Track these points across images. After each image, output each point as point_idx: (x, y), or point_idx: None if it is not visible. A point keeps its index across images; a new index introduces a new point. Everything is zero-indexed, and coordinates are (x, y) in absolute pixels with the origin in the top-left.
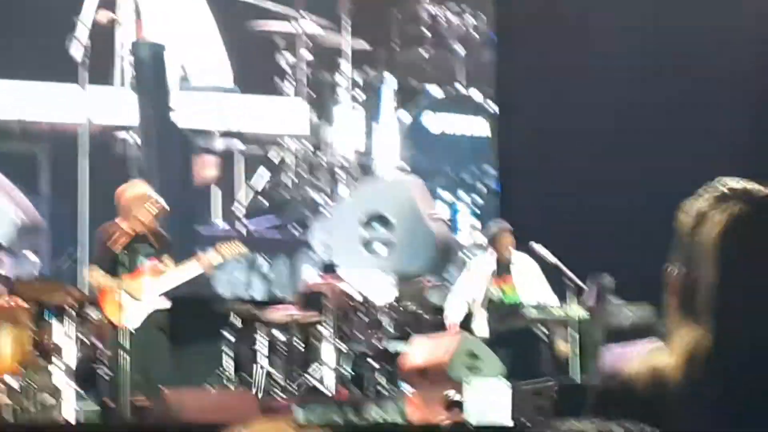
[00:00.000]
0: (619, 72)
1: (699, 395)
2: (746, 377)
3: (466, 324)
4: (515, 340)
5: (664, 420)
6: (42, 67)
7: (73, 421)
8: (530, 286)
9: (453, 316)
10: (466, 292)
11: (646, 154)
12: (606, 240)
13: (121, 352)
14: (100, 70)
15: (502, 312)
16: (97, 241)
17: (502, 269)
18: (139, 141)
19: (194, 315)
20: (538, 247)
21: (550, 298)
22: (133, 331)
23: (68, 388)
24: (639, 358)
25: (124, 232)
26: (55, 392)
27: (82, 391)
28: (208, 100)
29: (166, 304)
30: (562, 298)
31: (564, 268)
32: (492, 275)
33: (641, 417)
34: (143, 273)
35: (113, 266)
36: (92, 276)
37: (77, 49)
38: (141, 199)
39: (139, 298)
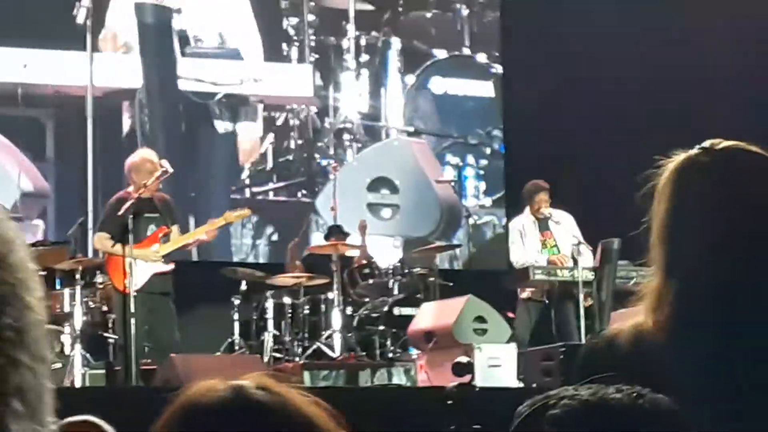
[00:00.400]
0: (624, 35)
1: (669, 349)
2: (709, 323)
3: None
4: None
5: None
6: (46, 32)
7: (79, 385)
8: (568, 241)
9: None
10: (527, 252)
11: (653, 114)
12: (613, 201)
13: (128, 317)
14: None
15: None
16: (107, 208)
17: (542, 226)
18: (144, 105)
19: (201, 280)
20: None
21: (586, 254)
22: (136, 295)
23: (77, 353)
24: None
25: (132, 198)
26: (63, 357)
27: (89, 356)
28: (212, 64)
29: (169, 266)
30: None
31: (575, 231)
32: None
33: (625, 376)
34: (151, 240)
35: (121, 233)
36: (100, 242)
37: (81, 13)
38: (147, 166)
39: (146, 264)
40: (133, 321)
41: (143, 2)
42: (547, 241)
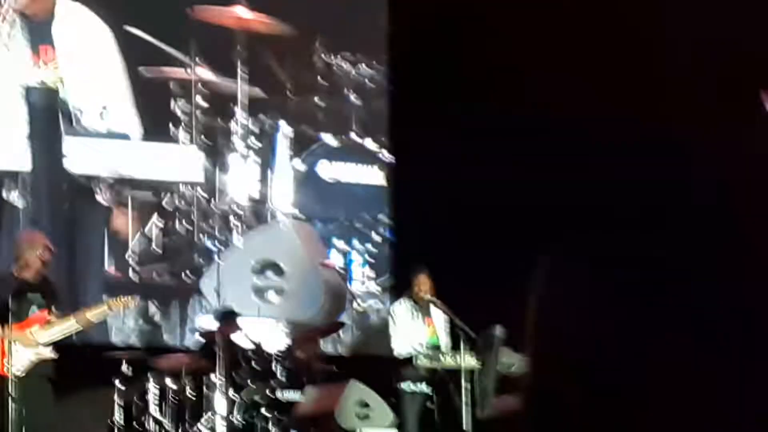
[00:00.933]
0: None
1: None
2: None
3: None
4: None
5: None
6: None
7: None
8: (445, 329)
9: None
10: (406, 340)
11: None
12: (499, 291)
13: (8, 402)
14: None
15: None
16: None
17: (424, 311)
18: (27, 183)
19: (84, 363)
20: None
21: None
22: (17, 380)
23: None
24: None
25: (16, 280)
26: None
27: None
28: (101, 145)
29: (52, 354)
30: (455, 348)
31: (456, 319)
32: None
33: None
34: (32, 322)
35: (3, 314)
36: None
37: None
38: (32, 247)
39: (26, 347)
40: (14, 406)
41: (31, 85)
42: (429, 329)
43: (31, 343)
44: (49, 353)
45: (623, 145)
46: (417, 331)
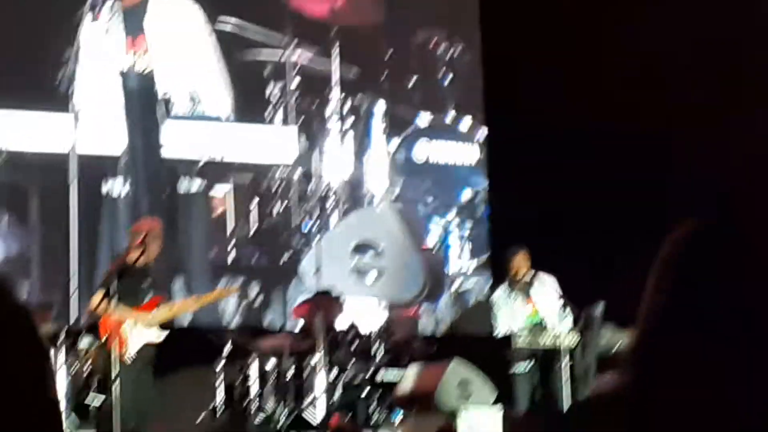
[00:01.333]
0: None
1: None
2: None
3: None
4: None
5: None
6: (30, 97)
7: None
8: (550, 305)
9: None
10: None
11: (640, 178)
12: (599, 268)
13: (115, 383)
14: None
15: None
16: (108, 271)
17: (525, 293)
18: (127, 171)
19: (187, 346)
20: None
21: (566, 318)
22: (129, 361)
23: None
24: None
25: (134, 264)
26: None
27: (72, 421)
28: (196, 129)
29: (161, 336)
30: (556, 326)
31: (558, 296)
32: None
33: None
34: (147, 308)
35: (119, 296)
36: (98, 304)
37: (65, 78)
38: (153, 235)
39: (139, 329)
40: (120, 387)
41: (127, 70)
42: (531, 309)
43: (146, 328)
44: (159, 338)
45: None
46: (519, 313)
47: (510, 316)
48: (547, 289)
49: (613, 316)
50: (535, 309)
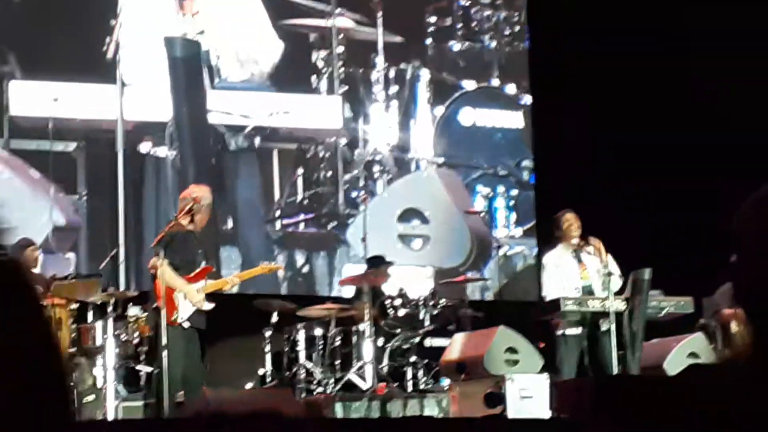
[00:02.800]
0: (655, 61)
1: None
2: None
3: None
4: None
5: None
6: (77, 66)
7: (112, 418)
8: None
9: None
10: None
11: (688, 142)
12: (645, 232)
13: (165, 351)
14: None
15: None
16: (164, 239)
17: (577, 257)
18: (174, 138)
19: (233, 312)
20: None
21: (615, 283)
22: (184, 325)
23: (110, 386)
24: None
25: (185, 231)
26: (96, 391)
27: (122, 389)
28: (242, 97)
29: (209, 305)
30: (605, 291)
31: (608, 261)
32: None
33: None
34: (198, 276)
35: (170, 263)
36: (163, 271)
37: (111, 48)
38: (203, 202)
39: (191, 299)
40: (170, 354)
41: (173, 36)
42: (582, 273)
43: (197, 296)
44: (208, 305)
45: None
46: (570, 276)
47: (560, 279)
48: (593, 255)
49: (660, 284)
50: (586, 273)
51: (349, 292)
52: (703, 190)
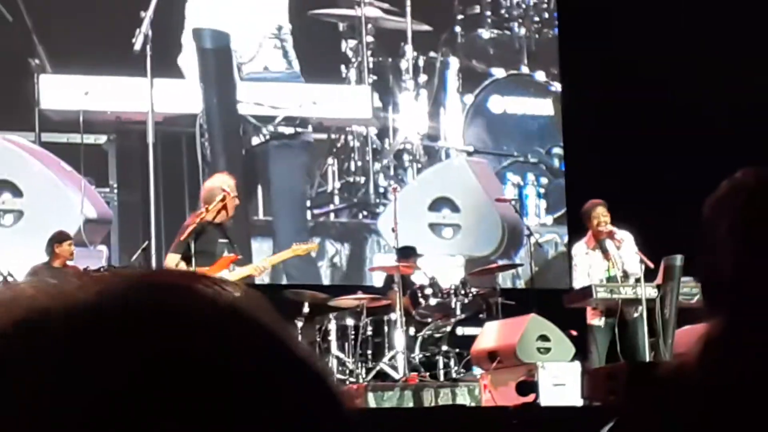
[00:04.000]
0: (688, 50)
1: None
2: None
3: None
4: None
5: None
6: (107, 59)
7: None
8: (628, 262)
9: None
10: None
11: (716, 132)
12: (676, 218)
13: None
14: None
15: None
16: (181, 230)
17: (604, 248)
18: (204, 130)
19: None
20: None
21: (639, 272)
22: None
23: None
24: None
25: (207, 221)
26: None
27: None
28: (271, 87)
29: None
30: (635, 279)
31: (636, 249)
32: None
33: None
34: (221, 265)
35: (192, 255)
36: (171, 262)
37: (140, 40)
38: (227, 190)
39: None
40: None
41: (201, 27)
42: (609, 264)
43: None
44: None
45: None
46: (597, 268)
47: (588, 271)
48: (626, 245)
49: (692, 270)
50: (613, 264)
51: (379, 282)
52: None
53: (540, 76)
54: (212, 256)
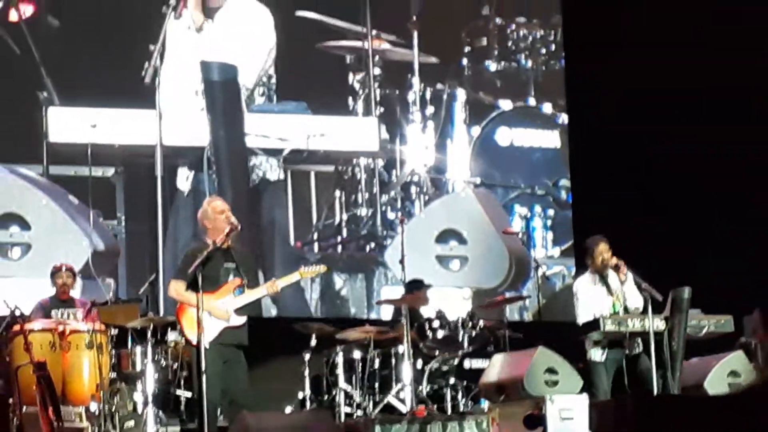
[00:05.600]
0: (693, 78)
1: None
2: None
3: None
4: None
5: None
6: (114, 92)
7: None
8: (631, 298)
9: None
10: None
11: (722, 164)
12: (683, 251)
13: (199, 371)
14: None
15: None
16: (185, 256)
17: (606, 282)
18: (212, 162)
19: (271, 335)
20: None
21: (641, 306)
22: (207, 347)
23: (149, 412)
24: (717, 369)
25: (209, 247)
26: (136, 416)
27: (162, 415)
28: (278, 120)
29: (241, 320)
30: (642, 311)
31: (640, 280)
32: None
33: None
34: (225, 289)
35: (197, 282)
36: (175, 290)
37: (149, 73)
38: (221, 213)
39: (218, 315)
40: (204, 375)
41: (209, 61)
42: (614, 299)
43: (226, 311)
44: (238, 319)
45: None
46: (601, 302)
47: (591, 305)
48: (629, 282)
49: (700, 302)
50: (616, 301)
51: (387, 314)
52: (743, 209)
53: (547, 108)
54: (216, 281)
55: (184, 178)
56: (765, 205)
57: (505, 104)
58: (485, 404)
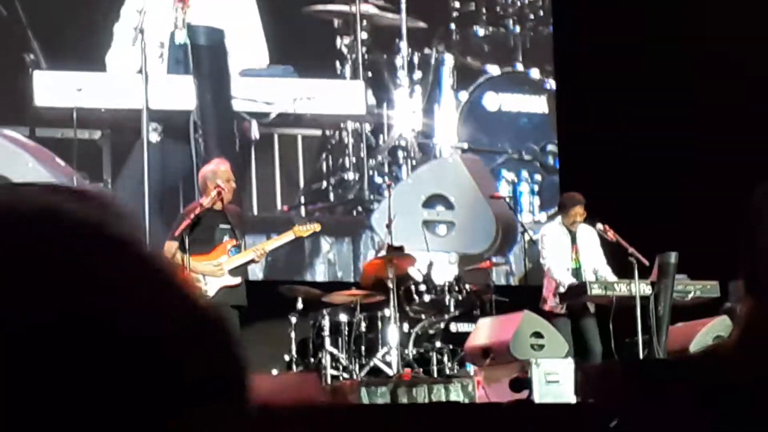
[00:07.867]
0: (684, 44)
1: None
2: None
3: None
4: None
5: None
6: (102, 54)
7: None
8: (593, 257)
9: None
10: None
11: (709, 130)
12: (670, 215)
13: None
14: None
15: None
16: (179, 218)
17: (573, 239)
18: (198, 126)
19: (257, 298)
20: (600, 225)
21: (607, 272)
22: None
23: None
24: (702, 334)
25: (204, 208)
26: None
27: None
28: (265, 83)
29: (237, 280)
30: (626, 275)
31: (626, 245)
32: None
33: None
34: (220, 250)
35: (191, 243)
36: (169, 252)
37: (137, 37)
38: (221, 175)
39: (210, 273)
40: None
41: (196, 24)
42: (574, 255)
43: (220, 271)
44: (232, 279)
45: None
46: (563, 254)
47: (558, 254)
48: (592, 239)
49: (686, 268)
50: (577, 257)
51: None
52: (729, 173)
53: (535, 73)
54: (210, 243)
55: (152, 130)
56: (752, 170)
57: (493, 69)
58: (471, 368)
